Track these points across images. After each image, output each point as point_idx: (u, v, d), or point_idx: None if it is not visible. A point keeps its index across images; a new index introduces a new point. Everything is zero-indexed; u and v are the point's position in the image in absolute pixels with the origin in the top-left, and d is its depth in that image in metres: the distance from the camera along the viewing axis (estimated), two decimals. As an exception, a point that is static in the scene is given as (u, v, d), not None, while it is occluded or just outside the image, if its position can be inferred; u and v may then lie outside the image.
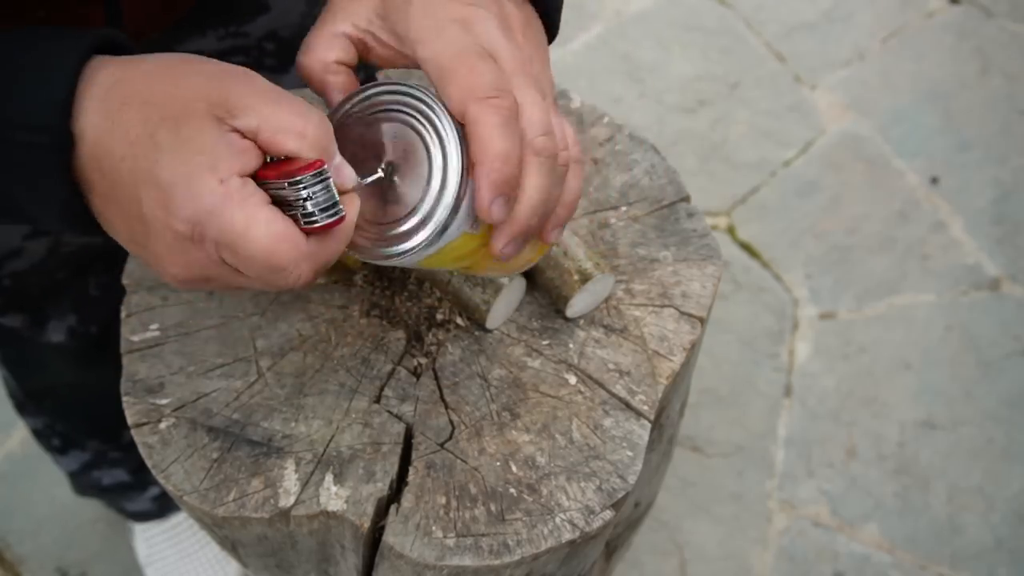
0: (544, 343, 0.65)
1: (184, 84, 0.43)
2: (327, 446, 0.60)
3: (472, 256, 0.53)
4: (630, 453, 0.60)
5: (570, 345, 0.64)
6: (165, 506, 1.22)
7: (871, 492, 1.37)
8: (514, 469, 0.59)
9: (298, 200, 0.43)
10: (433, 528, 0.56)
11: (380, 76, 0.75)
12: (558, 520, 0.57)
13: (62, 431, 1.07)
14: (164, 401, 0.62)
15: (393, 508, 0.57)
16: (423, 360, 0.64)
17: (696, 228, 0.70)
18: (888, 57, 1.85)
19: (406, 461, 0.60)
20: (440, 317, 0.66)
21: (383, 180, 0.48)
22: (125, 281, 0.67)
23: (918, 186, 1.67)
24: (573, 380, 0.63)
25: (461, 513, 0.57)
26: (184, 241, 0.43)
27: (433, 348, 0.64)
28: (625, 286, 0.67)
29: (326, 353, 0.64)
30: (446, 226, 0.47)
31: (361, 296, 0.67)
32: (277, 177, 0.43)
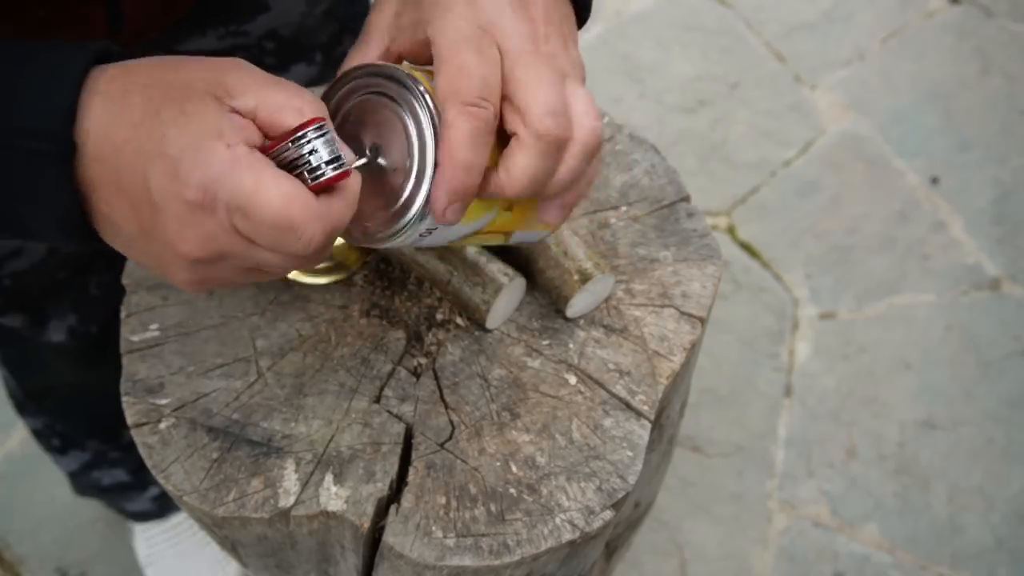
0: (544, 343, 0.65)
1: (183, 70, 0.45)
2: (327, 446, 0.60)
3: (491, 224, 0.54)
4: (630, 453, 0.60)
5: (570, 345, 0.64)
6: (165, 506, 1.22)
7: (871, 492, 1.37)
8: (514, 469, 0.59)
9: (302, 157, 0.44)
10: (433, 528, 0.56)
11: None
12: (558, 520, 0.57)
13: (62, 431, 1.07)
14: (164, 401, 0.62)
15: (393, 508, 0.57)
16: (423, 360, 0.64)
17: (696, 228, 0.70)
18: (888, 57, 1.85)
19: (406, 461, 0.60)
20: (440, 317, 0.66)
21: (373, 165, 0.49)
22: (125, 281, 0.67)
23: (918, 186, 1.67)
24: (573, 380, 0.63)
25: (461, 513, 0.57)
26: (195, 211, 0.43)
27: (433, 348, 0.64)
28: (625, 286, 0.67)
29: (326, 353, 0.64)
30: (424, 214, 0.47)
31: (361, 296, 0.67)
32: (280, 141, 0.44)
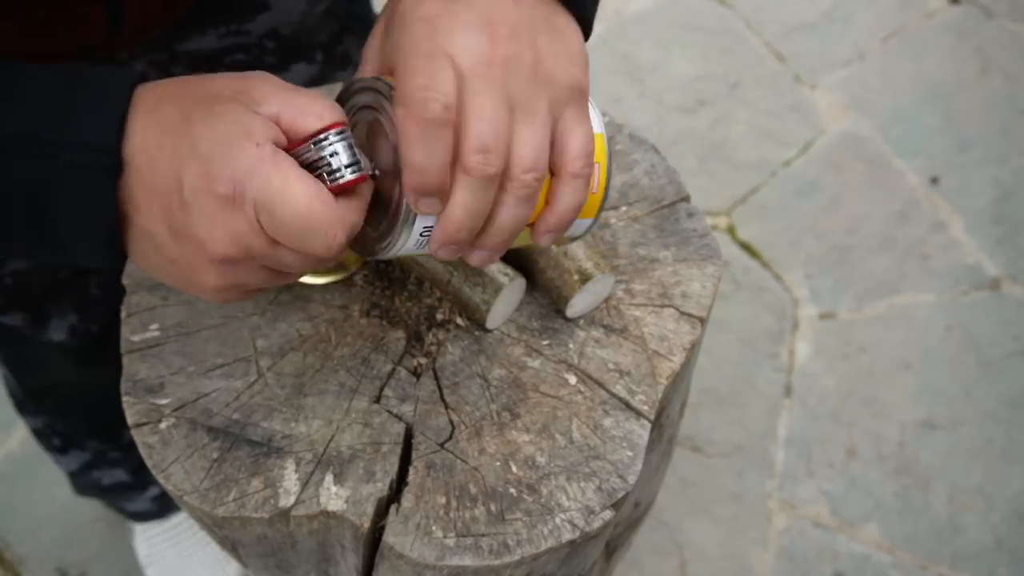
0: (544, 343, 0.65)
1: (209, 82, 0.47)
2: (327, 446, 0.60)
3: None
4: (630, 453, 0.60)
5: (570, 345, 0.64)
6: (165, 506, 1.22)
7: (871, 492, 1.37)
8: (514, 469, 0.59)
9: (322, 159, 0.45)
10: (433, 528, 0.56)
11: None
12: (558, 520, 0.57)
13: (62, 431, 1.07)
14: (164, 401, 0.62)
15: (393, 508, 0.57)
16: (423, 360, 0.64)
17: (696, 228, 0.70)
18: (888, 57, 1.85)
19: (406, 461, 0.60)
20: (440, 317, 0.66)
21: (376, 175, 0.49)
22: (125, 281, 0.67)
23: (918, 186, 1.67)
24: (573, 380, 0.63)
25: (461, 513, 0.57)
26: (226, 206, 0.44)
27: (433, 348, 0.64)
28: (625, 286, 0.67)
29: (326, 353, 0.64)
30: (410, 218, 0.48)
31: (361, 296, 0.67)
32: (301, 143, 0.46)
